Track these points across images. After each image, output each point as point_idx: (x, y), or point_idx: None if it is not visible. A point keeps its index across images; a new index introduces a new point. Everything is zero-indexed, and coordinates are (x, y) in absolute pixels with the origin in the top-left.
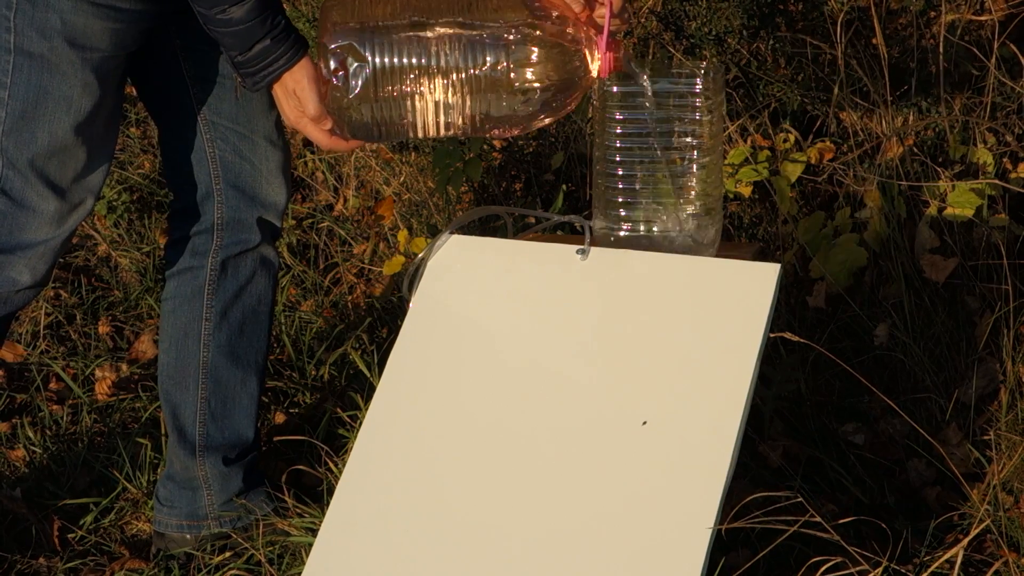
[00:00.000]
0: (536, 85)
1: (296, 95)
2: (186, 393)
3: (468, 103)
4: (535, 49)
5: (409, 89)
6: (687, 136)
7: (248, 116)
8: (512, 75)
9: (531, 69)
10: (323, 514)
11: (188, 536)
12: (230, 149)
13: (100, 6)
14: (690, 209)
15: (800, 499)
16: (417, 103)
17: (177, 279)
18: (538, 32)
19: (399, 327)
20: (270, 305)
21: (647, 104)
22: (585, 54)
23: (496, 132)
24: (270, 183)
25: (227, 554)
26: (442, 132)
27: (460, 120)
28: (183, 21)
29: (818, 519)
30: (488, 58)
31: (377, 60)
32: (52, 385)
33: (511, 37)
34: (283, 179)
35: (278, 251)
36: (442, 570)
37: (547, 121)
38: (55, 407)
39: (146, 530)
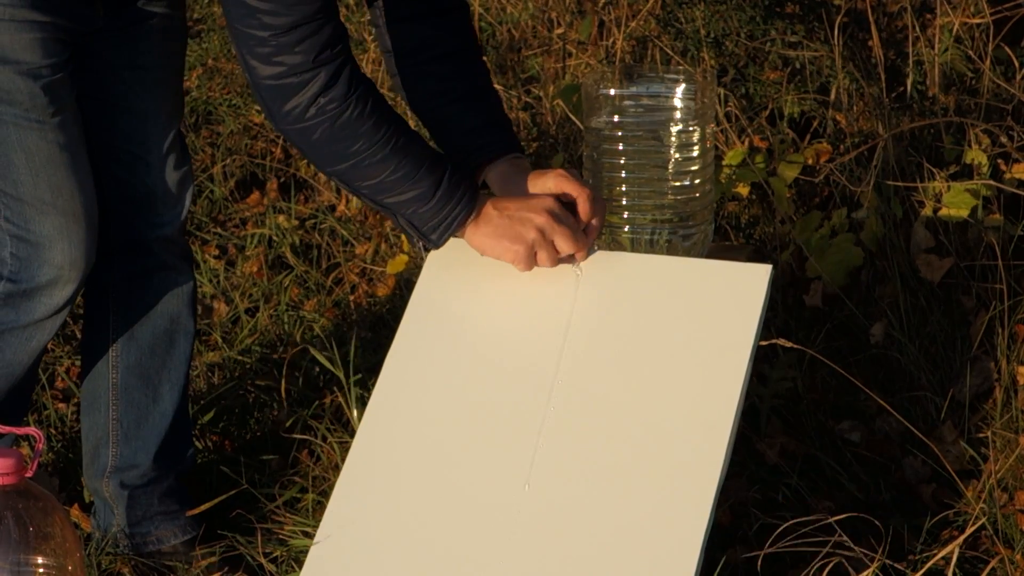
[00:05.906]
0: None
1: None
2: (98, 415)
3: None
4: None
5: None
6: (678, 139)
7: (143, 137)
8: None
9: None
10: (317, 521)
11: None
12: (124, 170)
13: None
14: (681, 212)
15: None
16: None
17: (88, 299)
18: None
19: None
20: (188, 328)
21: (639, 108)
22: None
23: None
24: (165, 204)
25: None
26: None
27: None
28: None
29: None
30: None
31: None
32: (58, 383)
33: None
34: (182, 199)
35: (192, 269)
36: (440, 570)
37: None
38: (60, 405)
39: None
